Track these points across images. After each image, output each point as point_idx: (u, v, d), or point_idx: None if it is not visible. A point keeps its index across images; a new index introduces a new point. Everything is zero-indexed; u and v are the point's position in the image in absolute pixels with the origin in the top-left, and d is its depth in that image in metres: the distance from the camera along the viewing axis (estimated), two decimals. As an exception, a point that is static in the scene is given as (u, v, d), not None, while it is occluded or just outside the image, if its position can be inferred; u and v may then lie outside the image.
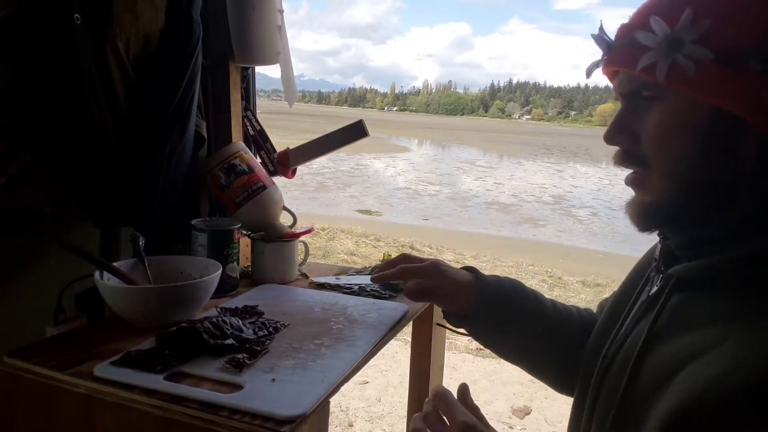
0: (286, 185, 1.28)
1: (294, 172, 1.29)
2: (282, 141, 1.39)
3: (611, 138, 0.59)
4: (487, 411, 2.64)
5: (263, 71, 1.36)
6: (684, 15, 0.50)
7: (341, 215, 8.23)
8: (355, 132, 1.21)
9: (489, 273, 0.82)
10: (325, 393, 0.67)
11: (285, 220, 1.21)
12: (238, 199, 1.12)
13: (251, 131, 1.27)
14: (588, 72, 0.62)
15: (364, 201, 9.80)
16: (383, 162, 16.38)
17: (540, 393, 2.80)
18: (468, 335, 0.83)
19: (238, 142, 1.21)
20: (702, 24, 0.49)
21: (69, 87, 0.88)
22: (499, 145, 28.91)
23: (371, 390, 2.77)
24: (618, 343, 0.60)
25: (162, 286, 0.88)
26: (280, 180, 1.26)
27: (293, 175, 1.29)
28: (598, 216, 9.59)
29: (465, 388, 0.64)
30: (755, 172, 0.50)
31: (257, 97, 1.33)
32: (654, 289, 0.59)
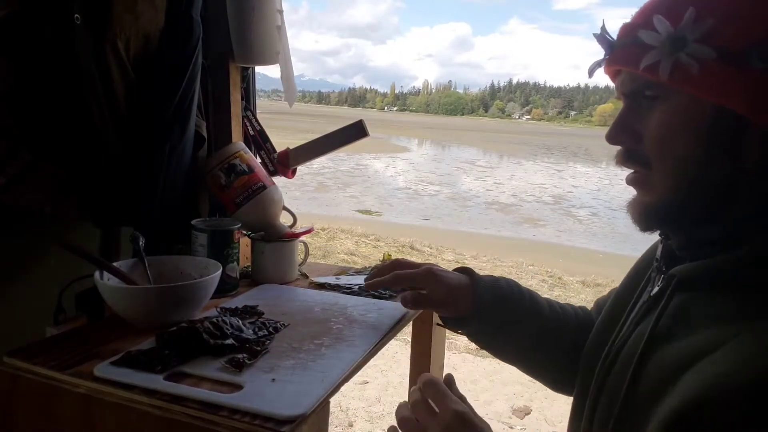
0: (286, 185, 1.28)
1: (294, 172, 1.29)
2: (282, 141, 1.39)
3: (613, 138, 0.58)
4: (487, 411, 2.63)
5: (263, 71, 1.36)
6: (687, 14, 0.50)
7: (341, 215, 8.23)
8: (355, 132, 1.21)
9: (489, 273, 0.82)
10: (325, 393, 0.67)
11: (285, 220, 1.21)
12: (238, 199, 1.12)
13: (251, 131, 1.27)
14: (590, 71, 0.62)
15: (364, 201, 9.80)
16: (383, 162, 16.38)
17: (540, 393, 2.80)
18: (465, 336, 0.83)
19: (238, 142, 1.21)
20: (705, 23, 0.49)
21: (69, 87, 0.88)
22: (499, 145, 28.91)
23: (371, 390, 2.76)
24: (619, 344, 0.60)
25: (162, 286, 0.88)
26: (280, 180, 1.26)
27: (293, 175, 1.29)
28: (598, 216, 9.59)
29: (451, 378, 0.64)
30: (757, 171, 0.50)
31: (257, 97, 1.33)
32: (655, 290, 0.58)
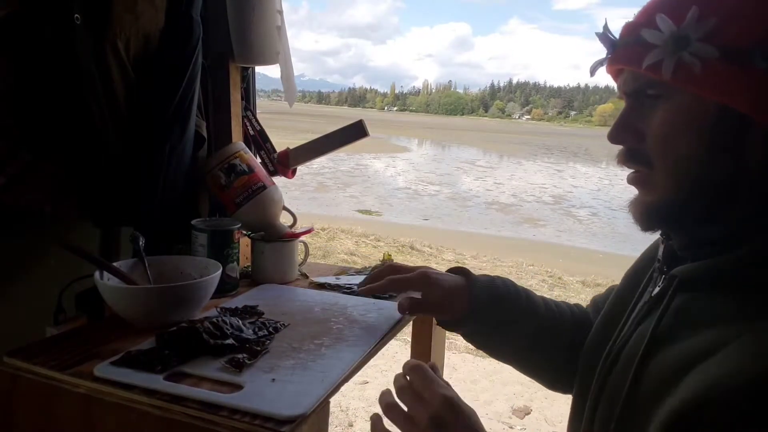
0: (286, 185, 1.28)
1: (294, 172, 1.29)
2: (282, 141, 1.39)
3: (615, 137, 0.58)
4: (487, 411, 2.63)
5: (263, 71, 1.36)
6: (690, 13, 0.50)
7: (341, 215, 8.23)
8: (355, 132, 1.20)
9: (489, 273, 0.82)
10: (325, 393, 0.67)
11: (285, 220, 1.21)
12: (238, 199, 1.12)
13: (251, 131, 1.27)
14: (592, 70, 0.62)
15: (364, 201, 9.80)
16: (383, 162, 16.38)
17: (540, 393, 2.79)
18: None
19: (238, 142, 1.21)
20: (708, 22, 0.49)
21: (69, 87, 0.88)
22: (499, 145, 28.92)
23: (371, 390, 2.76)
24: (620, 343, 0.60)
25: (162, 286, 0.88)
26: (280, 180, 1.26)
27: (293, 175, 1.29)
28: (598, 216, 9.59)
29: (435, 366, 0.64)
30: (759, 170, 0.50)
31: (257, 97, 1.33)
32: (656, 290, 0.58)
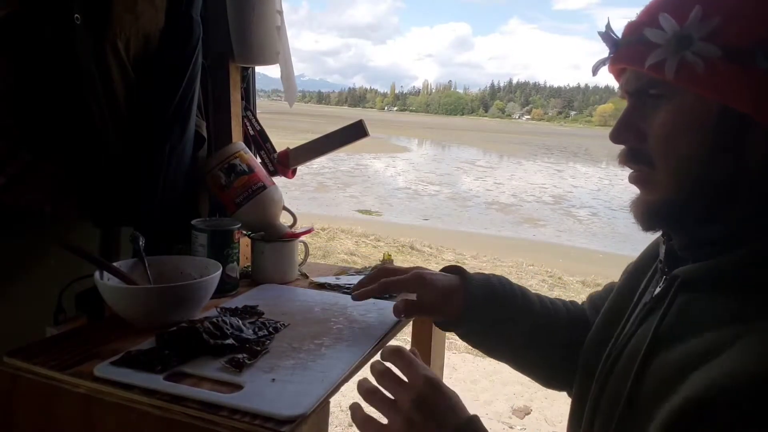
0: (286, 185, 1.28)
1: (294, 172, 1.29)
2: (282, 141, 1.39)
3: (617, 137, 0.58)
4: (487, 411, 2.63)
5: (263, 71, 1.36)
6: (693, 12, 0.50)
7: (341, 215, 8.22)
8: (355, 132, 1.20)
9: (489, 273, 0.81)
10: (325, 393, 0.67)
11: (285, 220, 1.21)
12: (238, 199, 1.12)
13: (251, 131, 1.27)
14: (594, 69, 0.61)
15: (364, 201, 9.80)
16: (383, 162, 16.38)
17: (540, 393, 2.79)
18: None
19: (238, 142, 1.21)
20: (711, 21, 0.49)
21: (69, 87, 0.88)
22: (499, 145, 28.91)
23: (371, 390, 2.76)
24: (622, 343, 0.60)
25: (162, 286, 0.88)
26: (280, 180, 1.26)
27: (293, 175, 1.29)
28: (598, 216, 9.59)
29: (415, 351, 0.64)
30: (759, 170, 0.50)
31: (257, 97, 1.33)
32: (657, 290, 0.58)
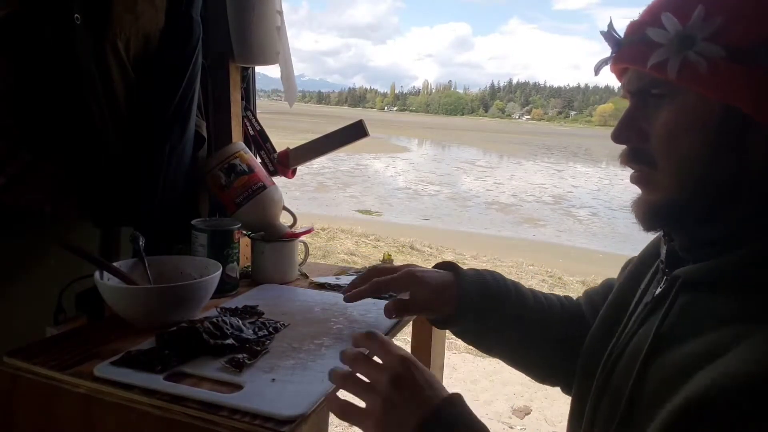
0: (286, 185, 1.28)
1: (294, 172, 1.29)
2: (282, 141, 1.39)
3: (619, 136, 0.58)
4: (487, 411, 2.63)
5: (263, 71, 1.36)
6: (696, 12, 0.49)
7: (341, 215, 8.22)
8: (355, 132, 1.21)
9: (482, 269, 0.80)
10: (325, 393, 0.66)
11: (285, 220, 1.21)
12: (238, 199, 1.12)
13: (251, 131, 1.27)
14: (596, 69, 0.61)
15: (364, 201, 9.80)
16: (383, 162, 16.38)
17: (540, 393, 2.79)
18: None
19: (238, 142, 1.21)
20: (714, 21, 0.49)
21: (69, 87, 0.88)
22: (499, 145, 28.91)
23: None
24: (623, 343, 0.59)
25: (162, 286, 0.88)
26: (280, 180, 1.26)
27: (293, 175, 1.29)
28: (598, 216, 9.59)
29: (390, 339, 0.64)
30: (760, 171, 0.50)
31: (257, 97, 1.33)
32: (658, 290, 0.58)
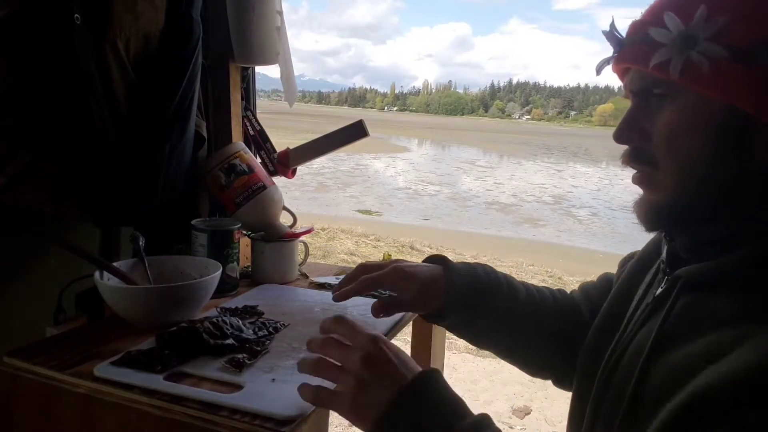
0: (286, 185, 1.28)
1: (294, 172, 1.29)
2: (282, 141, 1.39)
3: (620, 136, 0.57)
4: (487, 411, 2.63)
5: (263, 71, 1.36)
6: (699, 12, 0.49)
7: (341, 215, 8.22)
8: (355, 132, 1.21)
9: (474, 262, 0.79)
10: (325, 393, 0.67)
11: (285, 220, 1.21)
12: (238, 199, 1.12)
13: (251, 131, 1.27)
14: (598, 69, 0.61)
15: (364, 201, 9.80)
16: (383, 162, 16.37)
17: (540, 393, 2.80)
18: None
19: (238, 142, 1.21)
20: (716, 21, 0.49)
21: (69, 87, 0.88)
22: (499, 145, 28.91)
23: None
24: (624, 344, 0.59)
25: (162, 286, 0.88)
26: (280, 180, 1.26)
27: (293, 175, 1.29)
28: (598, 216, 9.59)
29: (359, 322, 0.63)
30: (762, 170, 0.50)
31: (257, 97, 1.33)
32: (659, 291, 0.58)
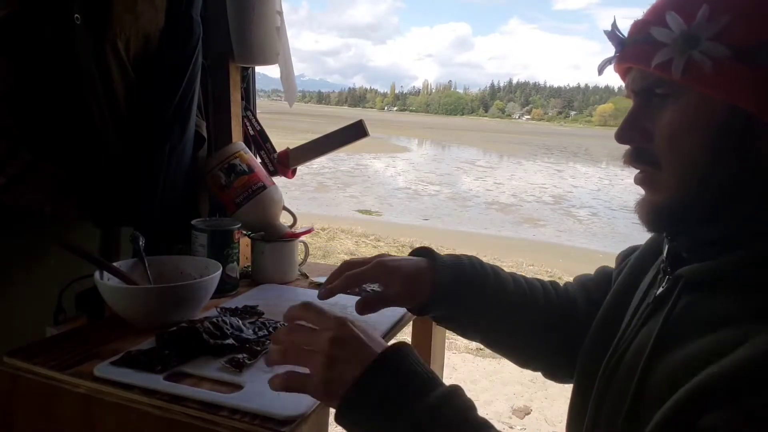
0: (286, 185, 1.28)
1: (294, 172, 1.29)
2: (282, 141, 1.39)
3: (622, 136, 0.57)
4: (487, 411, 2.63)
5: (263, 71, 1.35)
6: (701, 11, 0.49)
7: (341, 215, 8.22)
8: (355, 132, 1.21)
9: (461, 254, 0.79)
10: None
11: (285, 220, 1.21)
12: (238, 199, 1.12)
13: (251, 131, 1.27)
14: (600, 69, 0.61)
15: (364, 201, 9.80)
16: (383, 162, 16.37)
17: (540, 393, 2.80)
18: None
19: (238, 142, 1.21)
20: (719, 21, 0.49)
21: (69, 87, 0.88)
22: (499, 145, 28.89)
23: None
24: (625, 343, 0.59)
25: (162, 286, 0.88)
26: (280, 180, 1.26)
27: (293, 175, 1.29)
28: (598, 216, 9.59)
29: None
30: (763, 170, 0.50)
31: (257, 97, 1.33)
32: (660, 290, 0.58)
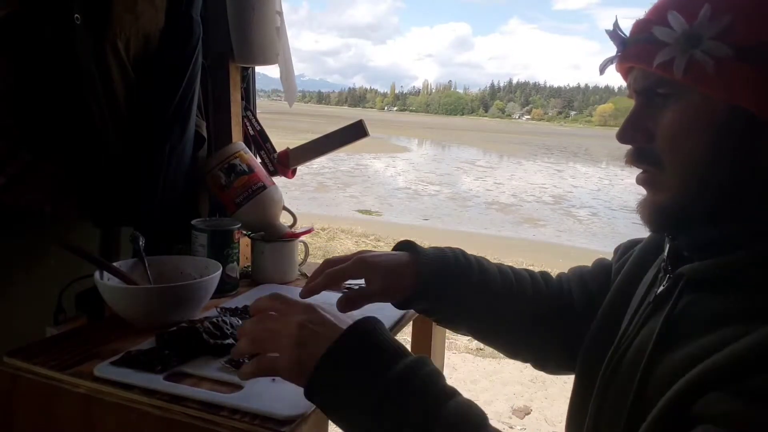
0: (286, 185, 1.28)
1: (294, 172, 1.29)
2: (282, 141, 1.39)
3: (624, 136, 0.57)
4: (487, 411, 2.62)
5: (263, 71, 1.36)
6: (703, 11, 0.49)
7: (341, 215, 8.22)
8: (355, 132, 1.21)
9: (444, 246, 0.79)
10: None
11: (285, 220, 1.21)
12: (238, 199, 1.12)
13: (251, 131, 1.28)
14: (602, 68, 0.61)
15: (364, 201, 9.80)
16: (383, 162, 16.37)
17: (540, 393, 2.80)
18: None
19: (238, 142, 1.21)
20: (721, 20, 0.49)
21: (69, 87, 0.88)
22: (499, 145, 28.89)
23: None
24: (626, 342, 0.59)
25: (162, 286, 0.88)
26: (280, 180, 1.26)
27: (293, 175, 1.29)
28: (598, 216, 9.59)
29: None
30: (764, 170, 0.50)
31: (257, 97, 1.33)
32: (661, 289, 0.58)
